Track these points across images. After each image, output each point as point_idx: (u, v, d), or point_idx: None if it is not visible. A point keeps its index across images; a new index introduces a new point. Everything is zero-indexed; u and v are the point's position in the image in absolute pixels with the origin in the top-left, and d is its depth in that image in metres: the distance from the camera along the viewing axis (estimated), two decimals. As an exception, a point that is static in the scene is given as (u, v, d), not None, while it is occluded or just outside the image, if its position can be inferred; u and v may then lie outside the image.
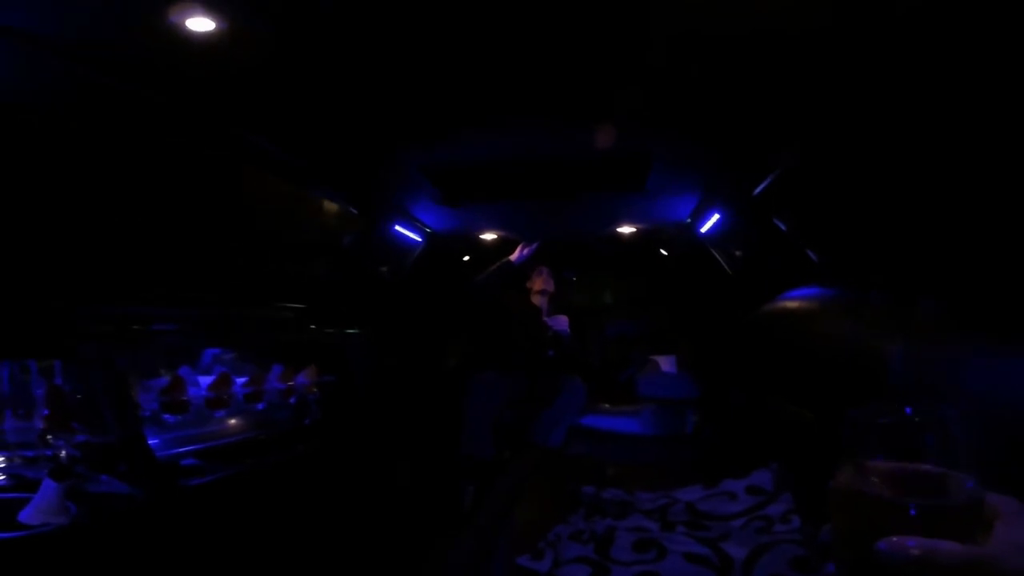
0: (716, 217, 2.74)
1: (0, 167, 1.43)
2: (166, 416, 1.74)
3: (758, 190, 2.21)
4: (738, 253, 2.92)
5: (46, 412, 1.39)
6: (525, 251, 3.28)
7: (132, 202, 1.83)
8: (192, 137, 1.83)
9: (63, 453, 1.32)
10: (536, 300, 3.53)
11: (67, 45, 1.35)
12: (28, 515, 1.14)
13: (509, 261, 3.28)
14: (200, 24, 1.30)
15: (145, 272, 1.90)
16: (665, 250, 3.77)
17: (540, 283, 3.52)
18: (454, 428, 3.00)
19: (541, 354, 3.40)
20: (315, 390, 2.44)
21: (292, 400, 2.33)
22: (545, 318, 3.49)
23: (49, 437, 1.35)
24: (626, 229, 3.40)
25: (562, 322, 3.47)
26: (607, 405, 3.38)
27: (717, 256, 3.06)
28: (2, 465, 1.30)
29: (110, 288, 1.72)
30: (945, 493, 0.49)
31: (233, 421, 2.02)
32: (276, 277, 2.57)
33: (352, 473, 2.28)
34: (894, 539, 0.47)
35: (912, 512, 0.48)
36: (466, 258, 3.95)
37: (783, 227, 2.35)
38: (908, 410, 0.52)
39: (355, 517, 2.11)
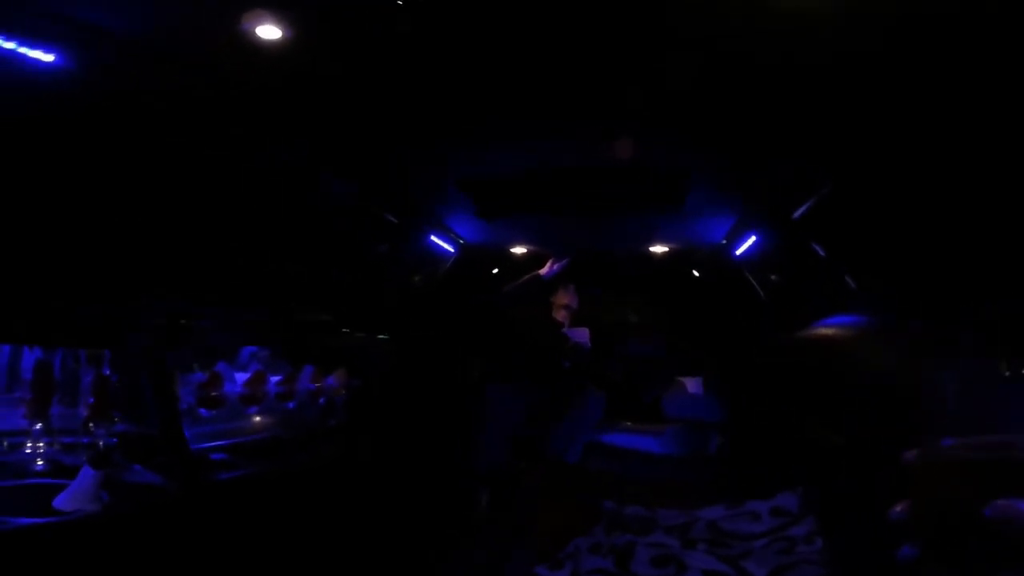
0: (752, 239, 2.70)
1: (63, 169, 1.52)
2: (202, 410, 1.80)
3: (798, 214, 2.17)
4: (774, 277, 2.87)
5: (91, 400, 1.45)
6: (555, 266, 3.28)
7: (183, 207, 1.92)
8: (239, 143, 1.90)
9: (101, 442, 1.38)
10: (559, 314, 3.52)
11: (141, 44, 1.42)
12: (62, 501, 1.18)
13: (538, 275, 3.28)
14: (268, 32, 1.35)
15: (194, 273, 1.98)
16: (698, 271, 3.73)
17: (565, 298, 3.51)
18: (473, 436, 3.02)
19: (558, 365, 3.38)
20: (343, 392, 2.49)
21: (321, 401, 2.38)
22: (565, 330, 3.48)
23: (91, 425, 1.41)
24: (659, 248, 3.37)
25: (582, 334, 3.45)
26: (629, 423, 3.34)
27: (751, 279, 3.01)
28: (43, 450, 1.36)
29: (162, 286, 1.79)
30: None
31: (263, 418, 2.08)
32: (315, 282, 2.64)
33: (372, 475, 2.31)
34: (1003, 502, 0.44)
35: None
36: (495, 271, 3.98)
37: (822, 252, 2.30)
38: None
39: (374, 518, 2.13)
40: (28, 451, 1.34)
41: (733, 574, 1.47)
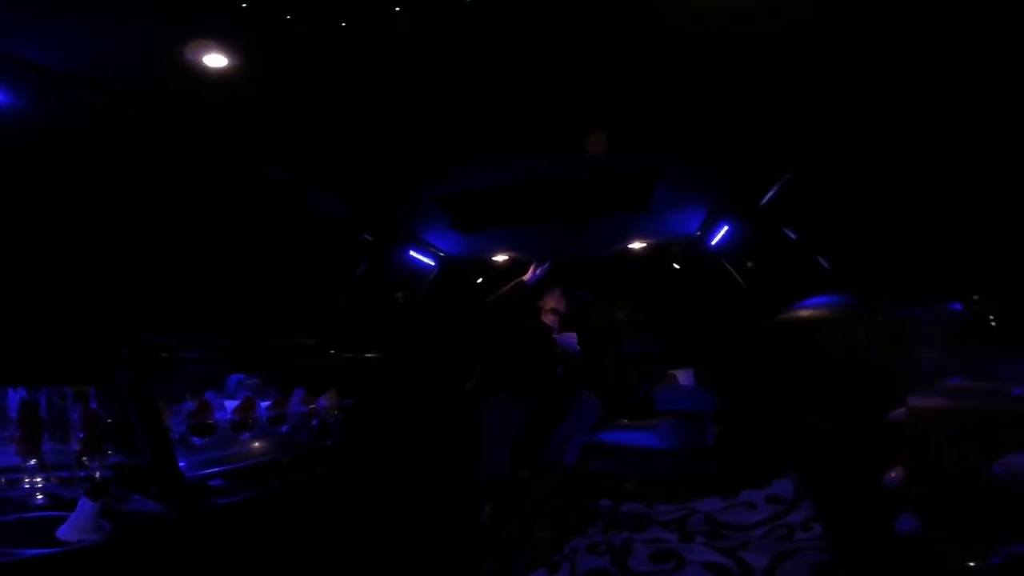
0: (725, 229, 2.77)
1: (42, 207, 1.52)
2: (194, 439, 1.80)
3: (764, 200, 2.23)
4: (750, 264, 2.94)
5: (81, 435, 1.45)
6: (538, 271, 3.32)
7: (161, 237, 1.92)
8: (213, 171, 1.91)
9: (97, 474, 1.38)
10: (547, 319, 3.55)
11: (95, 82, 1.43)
12: (66, 532, 1.19)
13: (522, 281, 3.31)
14: (215, 60, 1.38)
15: (175, 304, 1.98)
16: (677, 264, 3.79)
17: (552, 302, 3.54)
18: (471, 449, 3.02)
19: (551, 372, 3.40)
20: (336, 412, 2.49)
21: (314, 422, 2.38)
22: (555, 336, 3.51)
23: (84, 459, 1.41)
24: (637, 245, 3.43)
25: (571, 339, 3.47)
26: (625, 420, 3.36)
27: (729, 268, 3.08)
28: (40, 485, 1.37)
29: (144, 320, 1.79)
30: None
31: (258, 443, 2.07)
32: (296, 306, 2.64)
33: (372, 493, 2.31)
34: (1015, 458, 0.39)
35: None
36: (479, 280, 4.00)
37: (793, 236, 2.36)
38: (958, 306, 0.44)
39: (376, 536, 2.13)
40: (26, 486, 1.34)
41: (733, 566, 1.48)
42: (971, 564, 0.42)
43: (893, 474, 0.48)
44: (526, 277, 3.31)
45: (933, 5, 1.21)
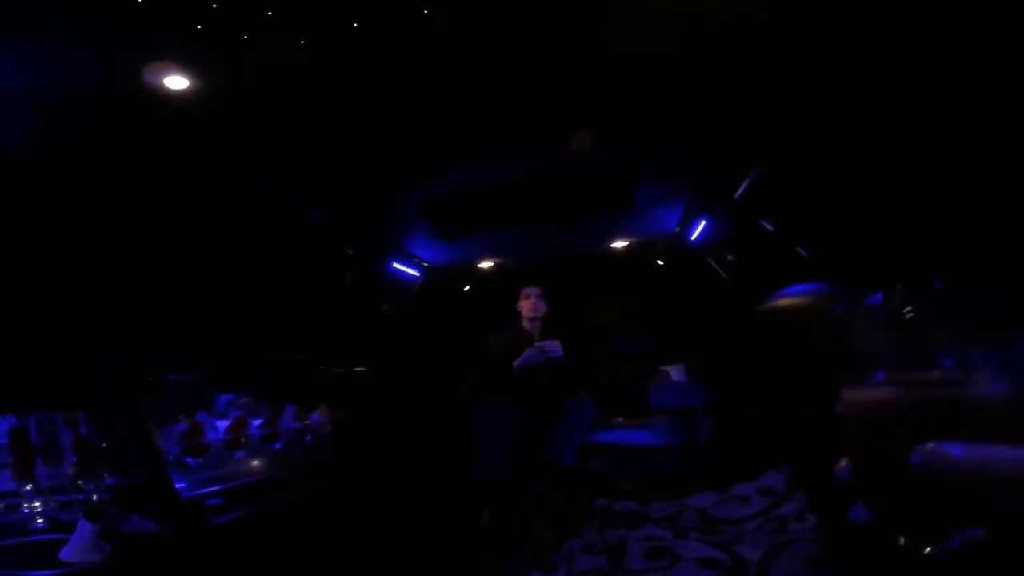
0: (704, 224, 2.82)
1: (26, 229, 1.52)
2: (188, 459, 1.79)
3: (739, 193, 2.28)
4: (730, 257, 2.99)
5: (74, 459, 1.45)
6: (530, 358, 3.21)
7: (141, 255, 1.91)
8: (195, 186, 1.92)
9: (95, 496, 1.37)
10: (527, 326, 3.41)
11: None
12: (67, 554, 1.21)
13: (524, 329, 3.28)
14: (177, 82, 1.40)
15: (158, 324, 1.97)
16: (661, 261, 3.83)
17: (528, 309, 3.37)
18: (467, 454, 3.01)
19: (536, 383, 3.35)
20: (329, 427, 2.48)
21: (308, 438, 2.37)
22: (537, 344, 3.34)
23: (80, 482, 1.41)
24: (620, 244, 3.46)
25: (555, 347, 3.32)
26: (622, 419, 3.38)
27: (711, 262, 3.12)
28: (39, 509, 1.37)
29: (127, 341, 1.78)
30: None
31: (254, 462, 2.07)
32: (283, 322, 2.64)
33: (371, 500, 2.30)
34: (929, 447, 0.38)
35: (943, 408, 0.40)
36: (466, 288, 4.02)
37: (770, 228, 2.41)
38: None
39: (376, 541, 2.13)
40: (25, 510, 1.35)
41: (728, 560, 1.50)
42: (927, 551, 0.42)
43: (843, 464, 0.48)
44: (515, 364, 3.19)
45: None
